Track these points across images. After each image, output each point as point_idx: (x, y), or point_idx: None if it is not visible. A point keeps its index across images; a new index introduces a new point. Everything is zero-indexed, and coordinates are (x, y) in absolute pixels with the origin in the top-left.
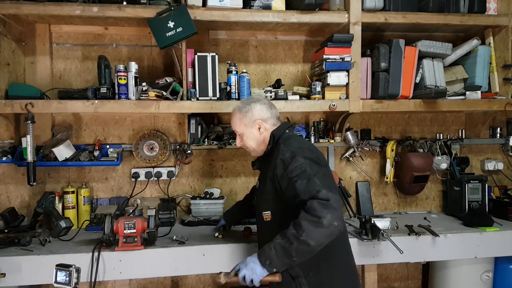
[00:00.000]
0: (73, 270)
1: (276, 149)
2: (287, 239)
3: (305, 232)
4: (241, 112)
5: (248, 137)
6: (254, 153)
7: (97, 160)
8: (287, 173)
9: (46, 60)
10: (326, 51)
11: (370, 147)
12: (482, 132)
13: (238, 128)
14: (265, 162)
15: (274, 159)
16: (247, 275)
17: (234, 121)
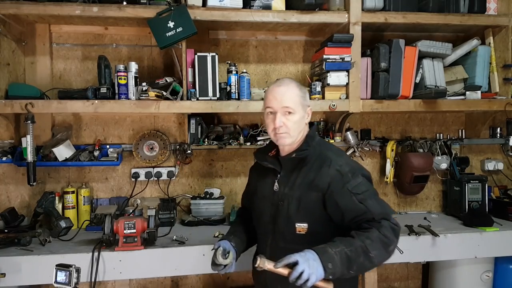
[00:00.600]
0: (73, 270)
1: (315, 153)
2: (355, 250)
3: (376, 250)
4: (300, 90)
5: (297, 121)
6: (286, 141)
7: (97, 160)
8: (350, 189)
9: (46, 60)
10: (326, 51)
11: (370, 147)
12: (482, 132)
13: (293, 105)
14: (294, 163)
15: (319, 167)
16: (307, 272)
17: (290, 95)
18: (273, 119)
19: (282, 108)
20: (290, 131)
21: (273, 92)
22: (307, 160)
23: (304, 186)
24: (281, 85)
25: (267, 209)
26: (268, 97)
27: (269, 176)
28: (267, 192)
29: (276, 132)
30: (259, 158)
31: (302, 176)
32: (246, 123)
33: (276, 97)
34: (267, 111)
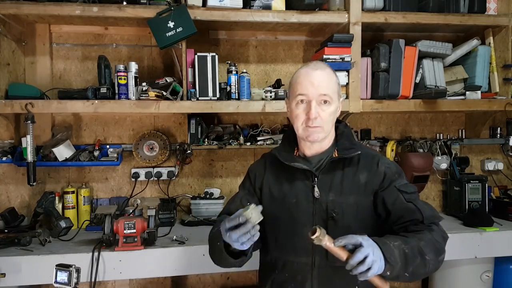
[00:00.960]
0: (73, 270)
1: (355, 152)
2: (411, 249)
3: (431, 254)
4: (337, 76)
5: (332, 113)
6: (319, 136)
7: (97, 160)
8: (398, 186)
9: (46, 60)
10: (326, 51)
11: (370, 147)
12: (482, 132)
13: (331, 92)
14: (334, 164)
15: (368, 166)
16: (371, 257)
17: (329, 81)
18: (305, 109)
19: (319, 96)
20: (324, 124)
21: (308, 76)
22: (351, 160)
23: (356, 189)
24: (317, 68)
25: (306, 221)
26: (301, 82)
27: (299, 179)
28: (303, 199)
29: (308, 124)
30: (286, 159)
31: (349, 178)
32: (246, 123)
33: (313, 82)
34: (297, 99)
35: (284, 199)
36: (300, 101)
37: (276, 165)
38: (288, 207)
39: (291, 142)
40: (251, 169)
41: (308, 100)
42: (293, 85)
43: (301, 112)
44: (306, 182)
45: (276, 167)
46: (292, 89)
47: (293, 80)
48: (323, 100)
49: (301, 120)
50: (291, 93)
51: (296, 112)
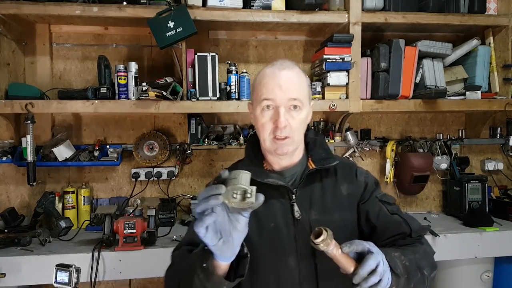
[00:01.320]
0: (73, 270)
1: (333, 161)
2: (410, 262)
3: (428, 268)
4: (306, 77)
5: (303, 120)
6: (289, 149)
7: (97, 160)
8: (379, 197)
9: (46, 60)
10: (326, 51)
11: (370, 147)
12: (482, 132)
13: (302, 96)
14: (311, 177)
15: (348, 177)
16: (381, 267)
17: (299, 83)
18: (272, 116)
19: (288, 101)
20: (294, 134)
21: (275, 77)
22: (328, 171)
23: (339, 204)
24: (284, 67)
25: (289, 248)
26: (266, 84)
27: (274, 198)
28: (282, 222)
29: (277, 135)
30: (257, 175)
31: (330, 191)
32: (246, 123)
33: (281, 84)
34: (263, 105)
35: (260, 224)
36: (266, 107)
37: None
38: (266, 235)
39: (257, 153)
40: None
41: (275, 105)
42: (257, 88)
43: (268, 120)
44: (282, 200)
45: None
46: (256, 92)
47: (256, 82)
48: (292, 105)
49: (268, 130)
50: (255, 98)
51: (261, 120)
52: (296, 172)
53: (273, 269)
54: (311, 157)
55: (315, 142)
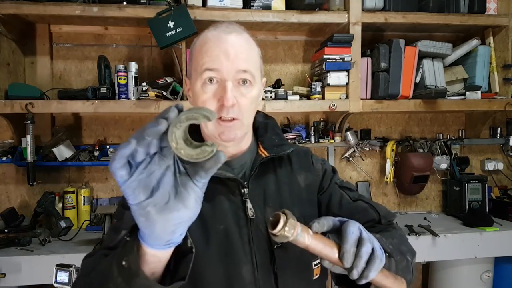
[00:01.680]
0: (73, 270)
1: (288, 148)
2: (395, 248)
3: (410, 254)
4: (257, 47)
5: (254, 97)
6: (237, 134)
7: (97, 160)
8: (339, 183)
9: (46, 60)
10: (326, 51)
11: (370, 147)
12: (482, 132)
13: (252, 67)
14: (264, 167)
15: (304, 165)
16: (366, 235)
17: (247, 52)
18: (216, 92)
19: (237, 73)
20: (244, 115)
21: (220, 42)
22: (281, 159)
23: (298, 197)
24: (232, 31)
25: (242, 255)
26: (208, 51)
27: (221, 193)
28: (232, 223)
29: (222, 116)
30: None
31: (286, 183)
32: None
33: (228, 51)
34: (204, 77)
35: (205, 227)
36: (209, 80)
37: None
38: (213, 240)
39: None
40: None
41: (220, 78)
42: (196, 56)
43: (210, 97)
44: (232, 197)
45: None
46: (194, 61)
47: (196, 48)
48: (242, 79)
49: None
50: (194, 68)
51: (202, 97)
52: (245, 162)
53: (222, 283)
54: (261, 143)
55: (266, 126)
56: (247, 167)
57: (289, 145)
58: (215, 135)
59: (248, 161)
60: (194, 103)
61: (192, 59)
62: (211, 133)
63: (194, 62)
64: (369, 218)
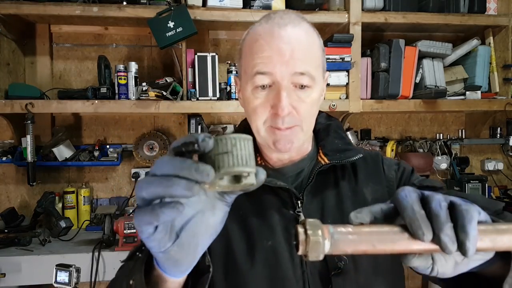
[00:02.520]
0: (73, 270)
1: (354, 154)
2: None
3: None
4: (319, 38)
5: (315, 101)
6: (295, 143)
7: (97, 160)
8: (417, 182)
9: (46, 60)
10: (326, 51)
11: (370, 147)
12: (482, 132)
13: (313, 67)
14: (324, 176)
15: (372, 172)
16: (437, 200)
17: (306, 48)
18: (270, 98)
19: (294, 77)
20: (303, 122)
21: (273, 39)
22: (344, 168)
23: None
24: (287, 23)
25: (292, 278)
26: (259, 50)
27: (272, 206)
28: (283, 241)
29: (276, 125)
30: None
31: (349, 196)
32: None
33: (283, 51)
34: (256, 82)
35: (251, 240)
36: (261, 86)
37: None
38: (260, 257)
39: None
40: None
41: (274, 82)
42: (245, 56)
43: (262, 103)
44: (284, 210)
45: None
46: (244, 62)
47: (245, 45)
48: (299, 83)
49: (263, 118)
50: (244, 70)
51: (253, 103)
52: (302, 170)
53: None
54: (322, 148)
55: (327, 128)
56: (304, 175)
57: (355, 151)
58: (269, 143)
59: (306, 169)
60: (244, 106)
61: (242, 58)
62: (265, 141)
63: (243, 62)
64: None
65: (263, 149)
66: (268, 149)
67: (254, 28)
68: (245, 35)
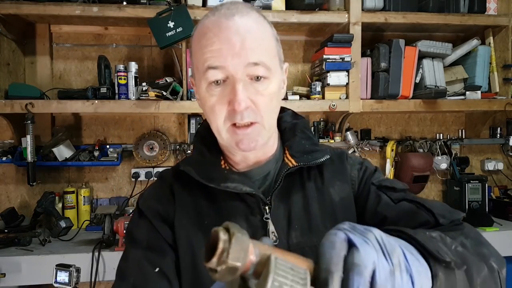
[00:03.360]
0: (73, 270)
1: (322, 155)
2: (468, 250)
3: (494, 258)
4: (271, 26)
5: (274, 92)
6: (259, 141)
7: (97, 160)
8: (376, 183)
9: (46, 60)
10: (326, 51)
11: (370, 147)
12: (482, 132)
13: (266, 57)
14: (290, 179)
15: (337, 171)
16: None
17: (258, 38)
18: (225, 94)
19: (248, 68)
20: (264, 116)
21: (221, 31)
22: (309, 168)
23: (331, 217)
24: (234, 14)
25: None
26: (208, 43)
27: (238, 213)
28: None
29: (236, 122)
30: (210, 177)
31: (315, 199)
32: None
33: (233, 42)
34: (208, 78)
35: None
36: (215, 82)
37: (193, 191)
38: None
39: (212, 146)
40: (146, 206)
41: (227, 77)
42: (195, 51)
43: (219, 100)
44: (250, 217)
45: (193, 194)
46: (194, 57)
47: (194, 41)
48: (255, 75)
49: (222, 116)
50: (195, 66)
51: (209, 101)
52: (269, 172)
53: None
54: (289, 149)
55: (294, 128)
56: (271, 178)
57: (322, 152)
58: (232, 144)
59: (272, 171)
60: (202, 107)
61: (192, 55)
62: (228, 142)
63: (194, 59)
64: (419, 222)
65: (227, 152)
66: (232, 150)
67: (201, 22)
68: (193, 31)
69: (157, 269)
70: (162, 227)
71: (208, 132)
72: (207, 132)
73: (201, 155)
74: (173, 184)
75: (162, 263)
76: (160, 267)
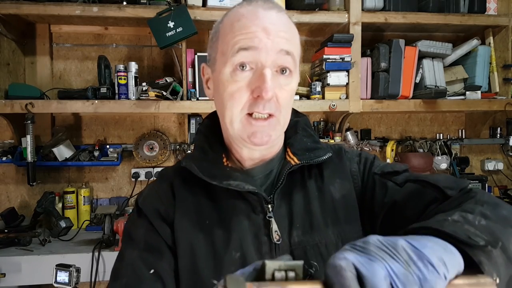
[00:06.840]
0: (73, 270)
1: (324, 153)
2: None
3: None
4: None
5: (293, 91)
6: (272, 135)
7: (97, 160)
8: (378, 171)
9: (46, 60)
10: (326, 51)
11: (370, 147)
12: (482, 132)
13: (295, 51)
14: (293, 177)
15: (338, 168)
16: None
17: (292, 33)
18: (252, 80)
19: (278, 56)
20: (281, 113)
21: (258, 18)
22: (310, 166)
23: (332, 214)
24: (271, 8)
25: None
26: (243, 27)
27: (240, 212)
28: (253, 250)
29: (256, 112)
30: (212, 174)
31: (315, 197)
32: None
33: (268, 28)
34: (237, 61)
35: (218, 255)
36: (240, 66)
37: (194, 189)
38: (226, 271)
39: (214, 144)
40: (145, 204)
41: (256, 64)
42: (224, 35)
43: (243, 86)
44: (252, 215)
45: (194, 191)
46: (222, 42)
47: (224, 26)
48: (282, 67)
49: (241, 103)
50: (220, 50)
51: (231, 87)
52: (272, 170)
53: None
54: (290, 147)
55: (295, 125)
56: (273, 177)
57: (324, 149)
58: (244, 136)
59: (275, 170)
60: (217, 95)
61: (218, 40)
62: (238, 133)
63: (221, 44)
64: (428, 200)
65: (234, 146)
66: (240, 144)
67: (234, 10)
68: (222, 18)
69: (152, 271)
70: (161, 227)
71: (209, 130)
72: (209, 130)
73: (203, 153)
74: (174, 182)
75: (158, 265)
76: (156, 269)
